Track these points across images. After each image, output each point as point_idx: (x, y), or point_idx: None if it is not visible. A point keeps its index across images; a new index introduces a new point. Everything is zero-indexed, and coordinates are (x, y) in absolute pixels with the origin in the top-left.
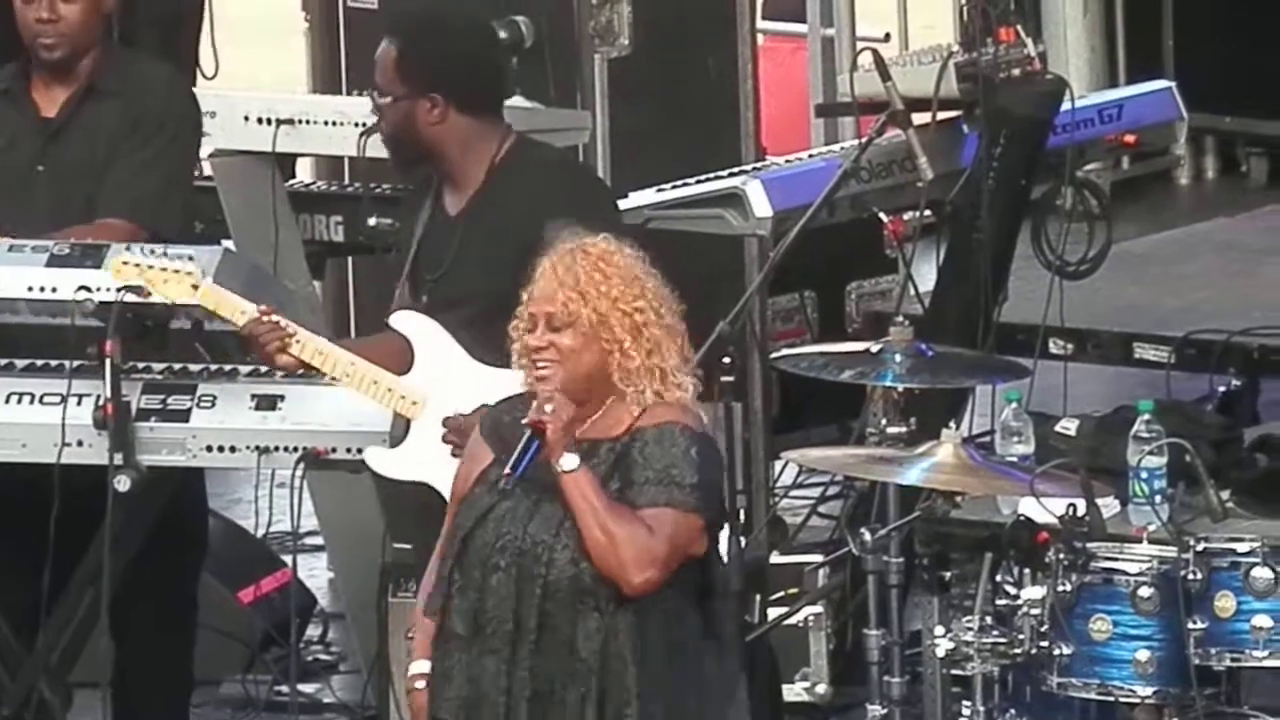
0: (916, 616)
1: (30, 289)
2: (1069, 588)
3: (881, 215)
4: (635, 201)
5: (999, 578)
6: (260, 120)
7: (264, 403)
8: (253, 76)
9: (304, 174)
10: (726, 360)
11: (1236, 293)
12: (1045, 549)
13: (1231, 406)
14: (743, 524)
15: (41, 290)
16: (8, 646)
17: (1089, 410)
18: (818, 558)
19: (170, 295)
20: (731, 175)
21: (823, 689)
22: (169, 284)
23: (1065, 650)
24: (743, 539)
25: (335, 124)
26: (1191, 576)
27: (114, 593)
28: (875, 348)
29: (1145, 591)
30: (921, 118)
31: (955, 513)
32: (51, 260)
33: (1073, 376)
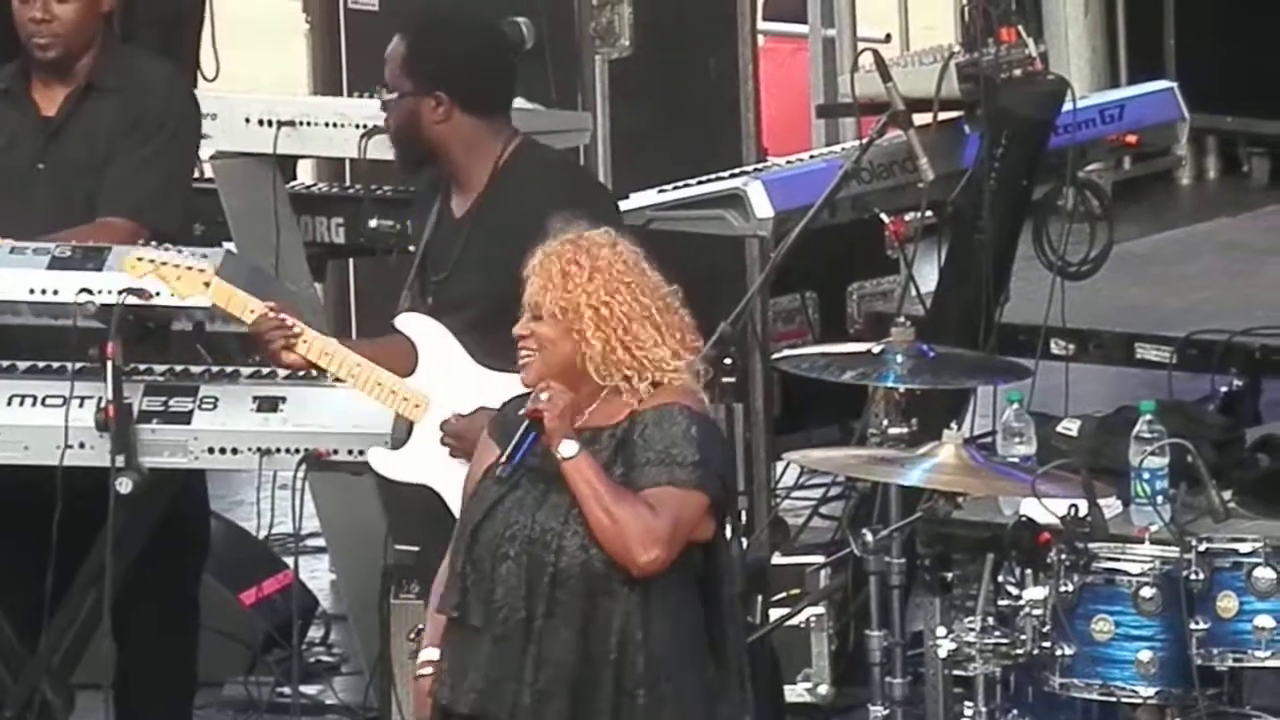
0: (918, 617)
1: (32, 291)
2: (1071, 588)
3: (883, 216)
4: (636, 202)
5: (1001, 578)
6: (261, 122)
7: (265, 404)
8: (253, 78)
9: (305, 176)
10: (728, 361)
11: (1238, 293)
12: (1047, 549)
13: (1233, 407)
14: (744, 525)
15: (43, 292)
16: (10, 648)
17: (1091, 411)
18: (819, 559)
19: (182, 292)
20: (732, 176)
21: (825, 690)
22: (181, 281)
23: (1067, 651)
24: (744, 540)
25: (336, 126)
26: (1194, 577)
27: (116, 594)
28: (877, 348)
29: (1147, 592)
30: (923, 118)
31: (957, 513)
32: (53, 262)
33: (1074, 377)
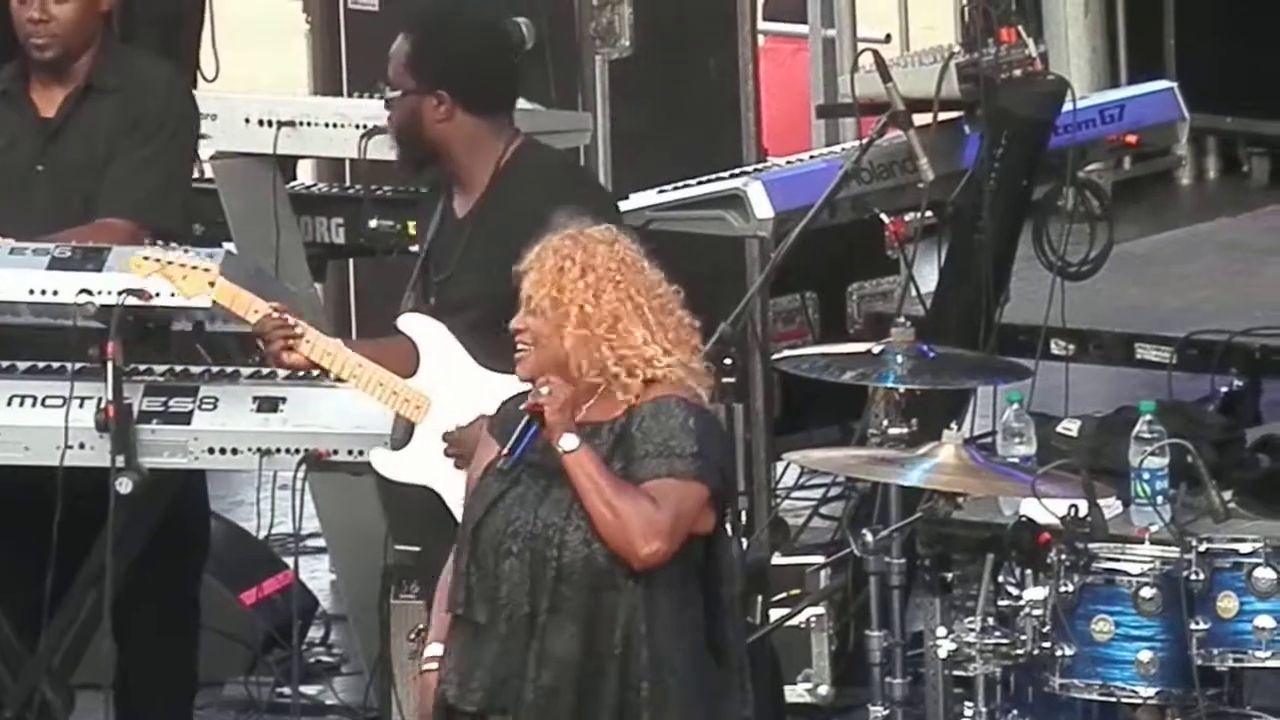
0: (918, 617)
1: (31, 292)
2: (1071, 588)
3: (883, 216)
4: (636, 203)
5: (1001, 579)
6: (261, 122)
7: (265, 405)
8: (252, 78)
9: (305, 176)
10: (728, 361)
11: (1238, 293)
12: (1047, 550)
13: (1233, 407)
14: (745, 525)
15: (43, 293)
16: (10, 648)
17: (1091, 411)
18: (819, 559)
19: (187, 292)
20: (732, 176)
21: (825, 690)
22: (187, 280)
23: (1067, 651)
24: (745, 540)
25: (336, 126)
26: (1194, 577)
27: (116, 595)
28: (877, 349)
29: (1147, 592)
30: (923, 118)
31: (957, 514)
32: (53, 263)
33: (1074, 377)
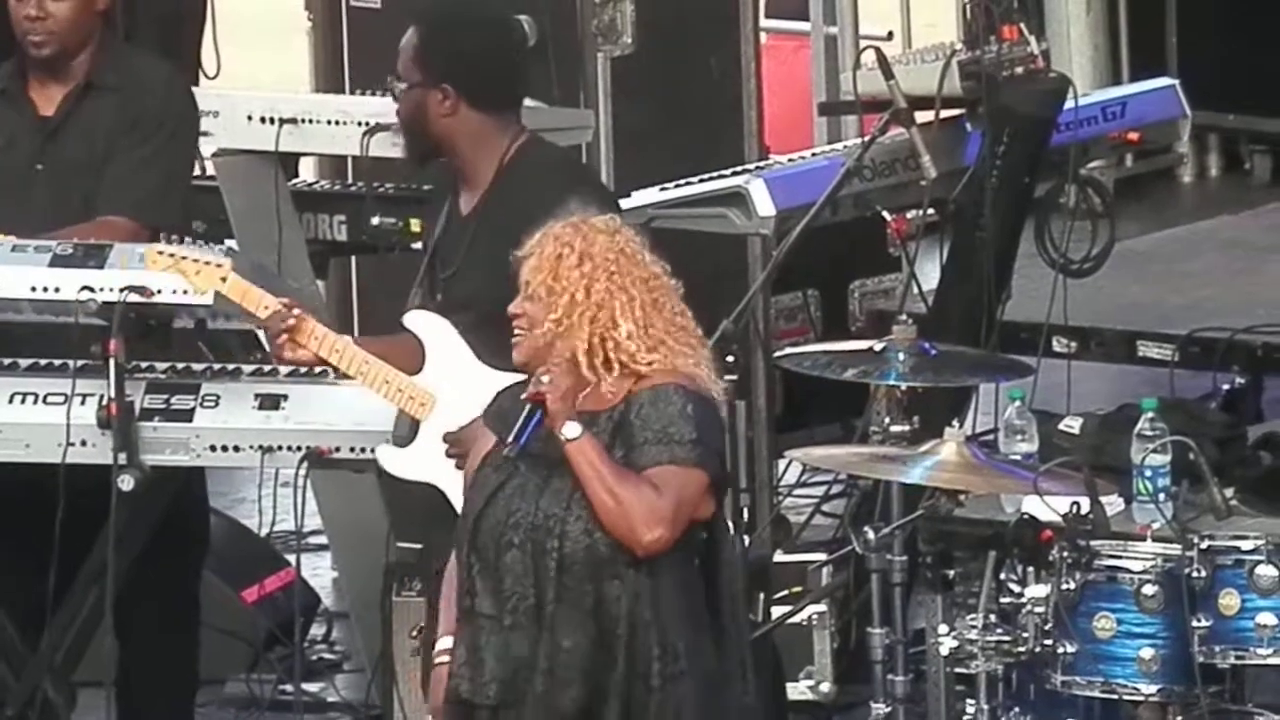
0: (920, 615)
1: (33, 289)
2: (1073, 586)
3: (884, 214)
4: (638, 200)
5: (1003, 576)
6: (263, 119)
7: (267, 402)
8: (254, 76)
9: (307, 173)
10: (730, 359)
11: (1240, 290)
12: (1049, 547)
13: (1235, 404)
14: (746, 523)
15: (44, 290)
16: (12, 646)
17: (1092, 408)
18: (821, 556)
19: (200, 286)
20: (734, 174)
21: (827, 687)
22: (200, 275)
23: (1069, 648)
24: (746, 537)
25: (338, 123)
26: (1195, 574)
27: (117, 592)
28: (878, 346)
29: (1149, 589)
30: (924, 116)
31: (959, 511)
32: (54, 260)
33: (1076, 374)
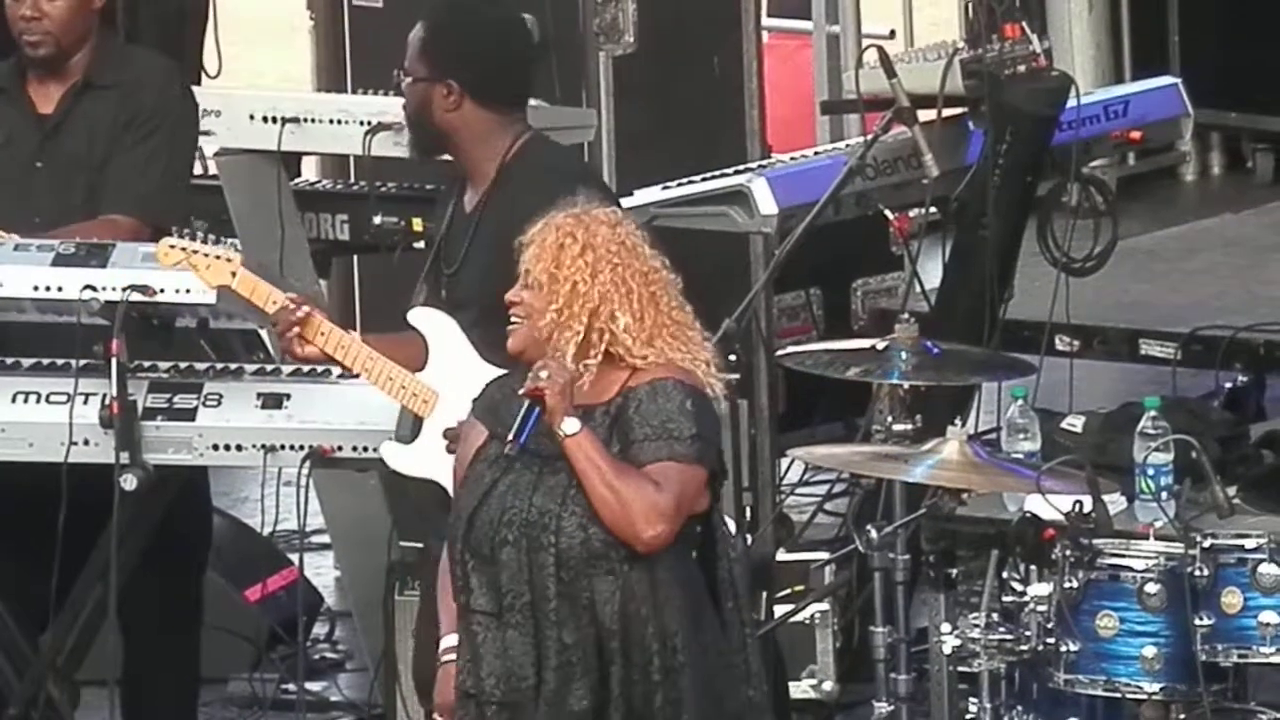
0: (923, 613)
1: (36, 288)
2: (1075, 584)
3: (887, 212)
4: (640, 199)
5: (1005, 574)
6: (265, 119)
7: (270, 401)
8: (256, 75)
9: (309, 172)
10: (732, 358)
11: (1242, 289)
12: (1051, 546)
13: (1238, 403)
14: (749, 521)
15: (47, 289)
16: (15, 645)
17: (1095, 407)
18: (824, 555)
19: (210, 281)
20: (737, 173)
21: (829, 686)
22: (210, 269)
23: (1072, 647)
24: (749, 536)
25: (340, 122)
26: (1198, 573)
27: (120, 591)
28: (881, 345)
29: (1152, 588)
30: (927, 114)
31: (961, 510)
32: (57, 259)
33: (1079, 373)
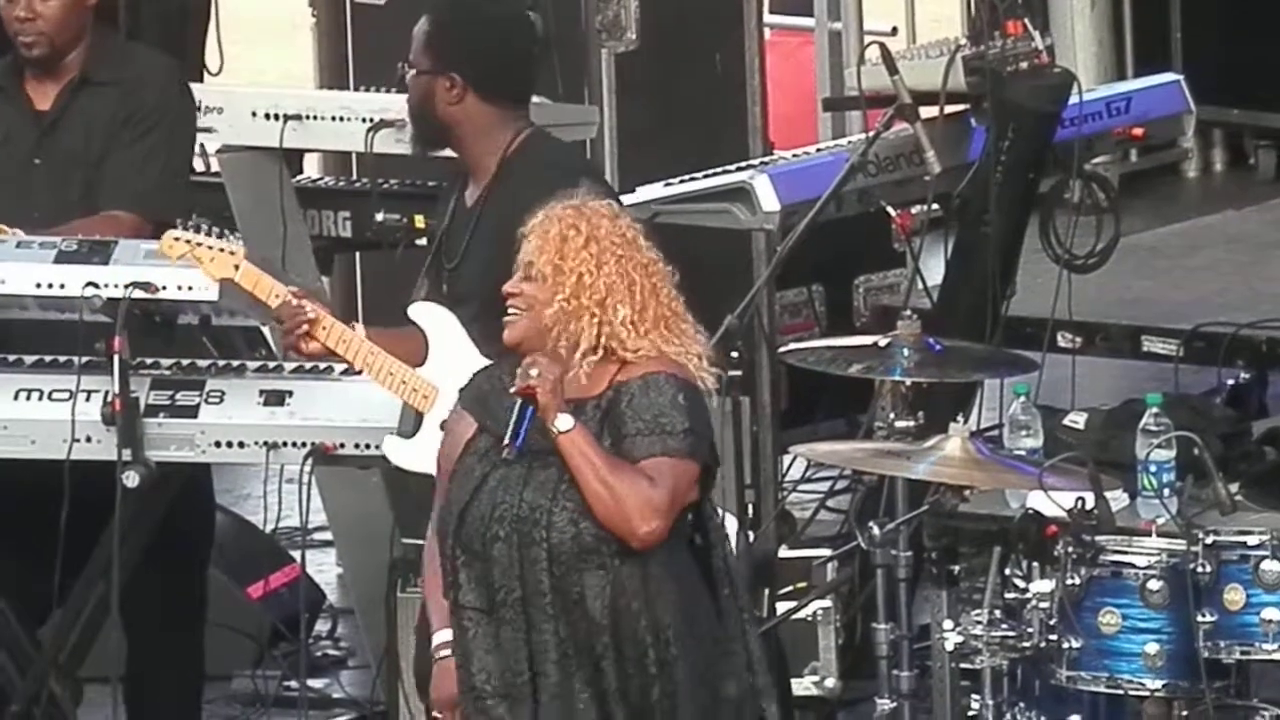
0: (925, 610)
1: (38, 285)
2: (1078, 581)
3: (889, 209)
4: (643, 196)
5: (1008, 571)
6: (267, 116)
7: (272, 398)
8: (258, 73)
9: (311, 170)
10: (734, 354)
11: (1245, 285)
12: (1054, 542)
13: (1240, 399)
14: (751, 518)
15: (49, 286)
16: (18, 642)
17: (1097, 404)
18: (826, 552)
19: (214, 274)
20: (739, 170)
21: (831, 683)
22: (214, 262)
23: (1074, 644)
24: (751, 533)
25: (343, 119)
26: (1200, 570)
27: (122, 588)
28: (883, 342)
29: (1154, 585)
30: (929, 111)
31: (963, 506)
32: (59, 256)
33: (1081, 370)
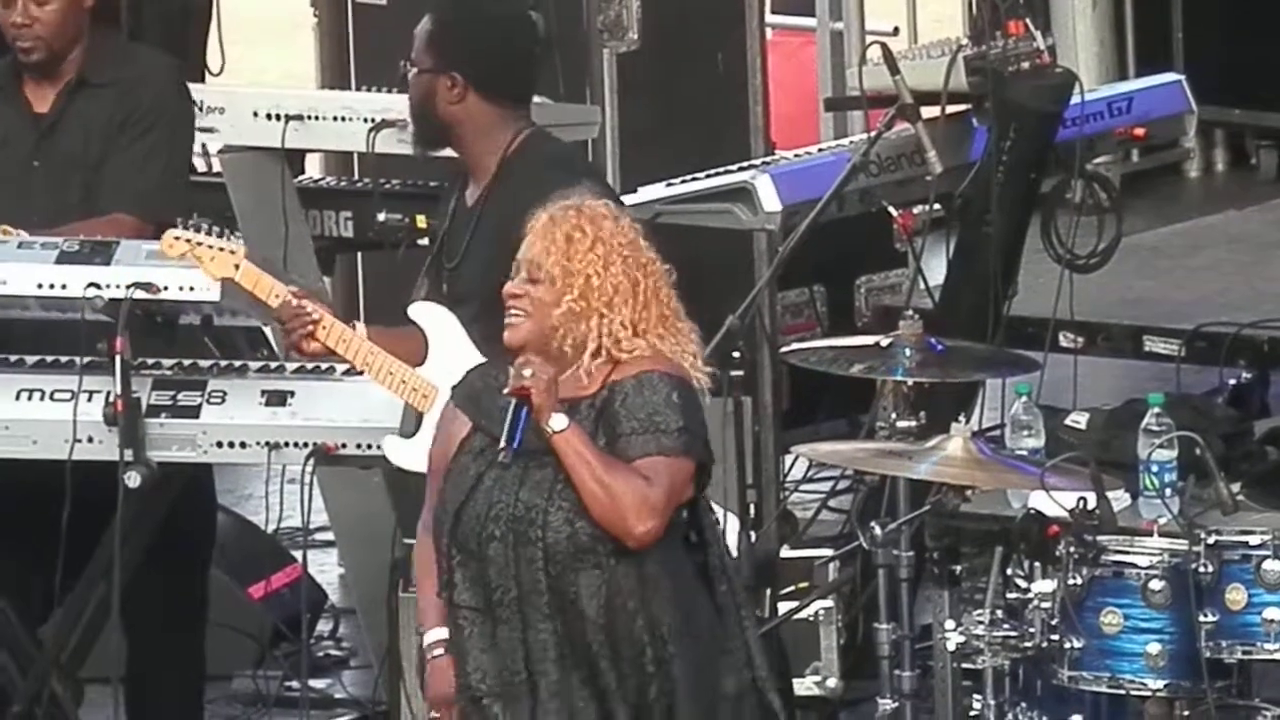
0: (927, 610)
1: (40, 286)
2: (1079, 581)
3: (891, 209)
4: (644, 196)
5: (1009, 571)
6: (269, 116)
7: (274, 399)
8: (259, 73)
9: (313, 170)
10: (736, 355)
11: (1246, 285)
12: (1056, 542)
13: (1242, 399)
14: (753, 518)
15: (51, 287)
16: (19, 643)
17: (1099, 403)
18: (828, 552)
19: (214, 273)
20: (740, 170)
21: (833, 683)
22: (215, 261)
23: (1076, 644)
24: (753, 533)
25: (344, 119)
26: (1202, 569)
27: (124, 589)
28: (885, 342)
29: (1156, 585)
30: (931, 111)
31: (965, 506)
32: (61, 257)
33: (1083, 370)
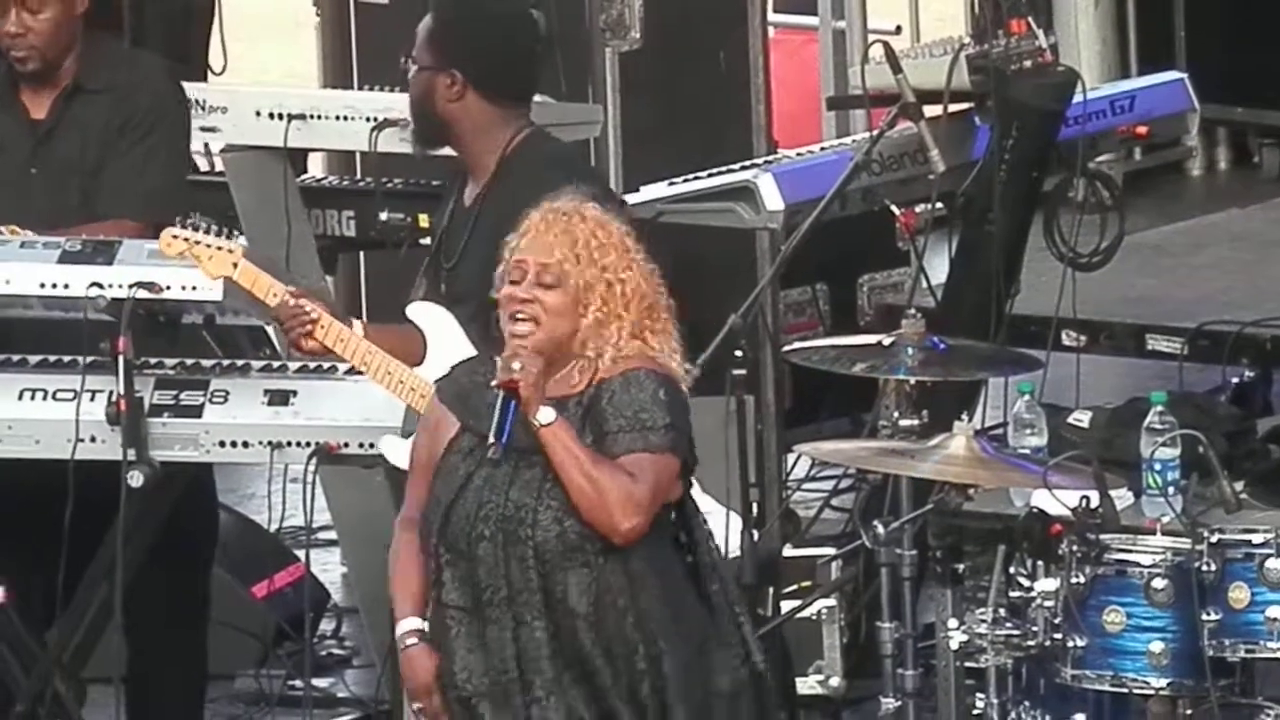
0: (930, 609)
1: (42, 285)
2: (1082, 580)
3: (893, 208)
4: (647, 195)
5: (1012, 570)
6: (272, 115)
7: (276, 398)
8: (261, 72)
9: (315, 169)
10: (738, 354)
11: (1249, 284)
12: (1058, 541)
13: (1244, 397)
14: (755, 517)
15: (53, 286)
16: (22, 642)
17: (1102, 402)
18: (830, 551)
19: (212, 272)
20: (743, 169)
21: (836, 682)
22: (213, 260)
23: (1079, 642)
24: (755, 533)
25: (346, 119)
26: (1205, 568)
27: (126, 588)
28: (887, 340)
29: (1159, 583)
30: (933, 110)
31: (968, 505)
32: (63, 257)
33: (1085, 368)
